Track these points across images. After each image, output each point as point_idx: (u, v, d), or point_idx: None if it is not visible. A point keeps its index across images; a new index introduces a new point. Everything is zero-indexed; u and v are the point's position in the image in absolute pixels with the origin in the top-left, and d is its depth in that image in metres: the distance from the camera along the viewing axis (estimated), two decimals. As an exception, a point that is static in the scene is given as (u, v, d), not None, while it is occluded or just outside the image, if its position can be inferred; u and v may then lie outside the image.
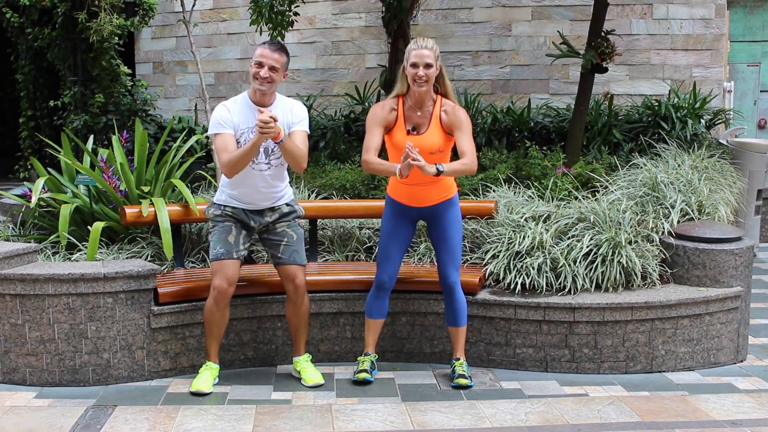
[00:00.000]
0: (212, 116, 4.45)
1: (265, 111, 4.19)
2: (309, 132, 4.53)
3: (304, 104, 9.18)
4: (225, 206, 4.49)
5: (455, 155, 4.45)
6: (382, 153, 4.60)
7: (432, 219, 4.53)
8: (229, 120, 4.37)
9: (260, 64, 4.31)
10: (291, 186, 4.73)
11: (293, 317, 4.57)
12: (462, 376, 4.53)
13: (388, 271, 4.54)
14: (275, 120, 4.17)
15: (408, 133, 4.37)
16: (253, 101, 4.41)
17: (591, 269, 4.85)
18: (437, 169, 4.21)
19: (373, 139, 4.39)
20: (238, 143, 4.35)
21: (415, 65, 4.29)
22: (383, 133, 4.43)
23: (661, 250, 5.08)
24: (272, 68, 4.32)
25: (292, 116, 4.45)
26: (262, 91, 4.35)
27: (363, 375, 4.53)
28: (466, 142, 4.36)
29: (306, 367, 4.62)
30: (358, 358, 4.70)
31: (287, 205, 4.59)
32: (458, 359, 4.63)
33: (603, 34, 6.96)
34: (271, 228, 4.54)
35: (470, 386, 4.51)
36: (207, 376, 4.45)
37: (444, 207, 4.49)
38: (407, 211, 4.52)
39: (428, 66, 4.28)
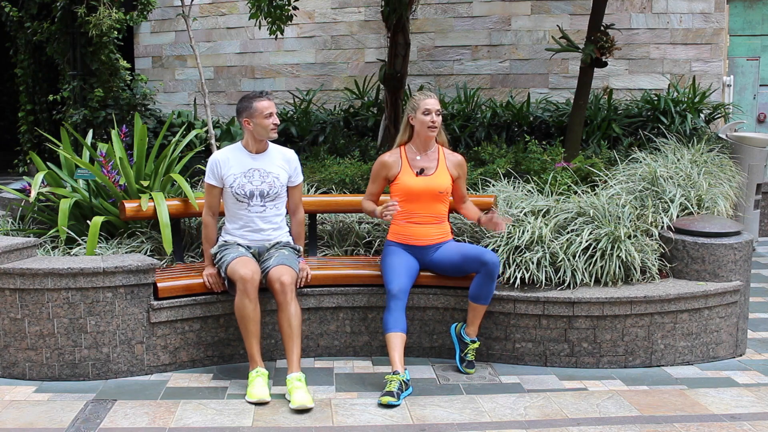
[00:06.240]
0: (209, 165, 4.68)
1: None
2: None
3: (304, 99, 9.29)
4: (229, 242, 4.68)
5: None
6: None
7: (435, 255, 4.71)
8: (218, 173, 4.62)
9: (271, 114, 4.60)
10: None
11: (284, 323, 4.34)
12: (471, 363, 4.69)
13: (396, 283, 4.47)
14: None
15: (417, 174, 4.65)
16: (250, 149, 4.67)
17: (590, 264, 4.86)
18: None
19: (373, 188, 4.82)
20: (231, 188, 4.59)
21: (428, 112, 4.61)
22: (384, 183, 4.78)
23: (660, 245, 5.09)
24: (277, 114, 4.71)
25: (290, 168, 4.73)
26: (275, 138, 4.68)
27: (387, 399, 4.10)
28: (464, 189, 4.90)
29: (297, 387, 4.15)
30: (386, 377, 4.27)
31: (286, 239, 4.79)
32: (474, 341, 4.69)
33: (602, 28, 6.96)
34: (266, 255, 4.64)
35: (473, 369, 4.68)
36: (261, 383, 4.22)
37: (443, 244, 4.73)
38: (408, 249, 4.70)
39: (439, 113, 4.65)
